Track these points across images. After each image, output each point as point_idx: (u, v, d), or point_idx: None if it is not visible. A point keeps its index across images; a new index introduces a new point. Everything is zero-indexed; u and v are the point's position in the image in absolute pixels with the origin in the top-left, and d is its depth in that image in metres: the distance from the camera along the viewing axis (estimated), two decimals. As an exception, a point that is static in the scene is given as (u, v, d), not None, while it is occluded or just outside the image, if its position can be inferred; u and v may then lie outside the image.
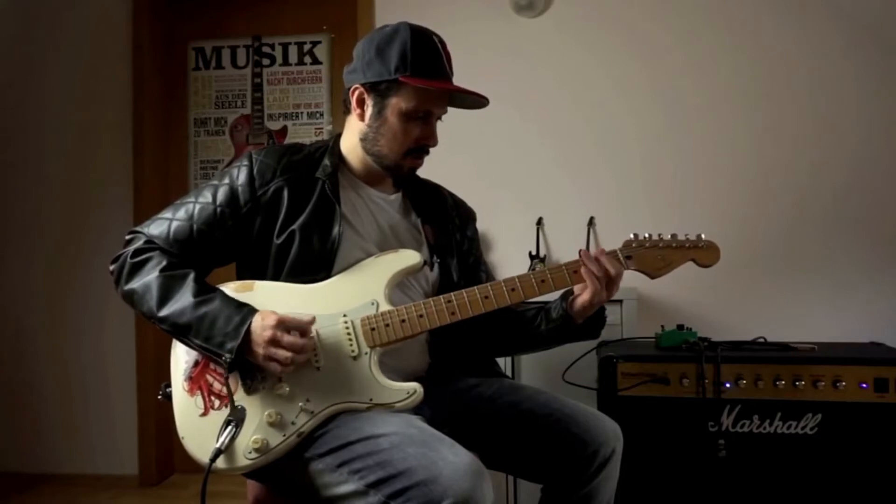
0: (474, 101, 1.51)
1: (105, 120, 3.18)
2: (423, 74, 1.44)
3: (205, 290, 1.40)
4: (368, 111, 1.50)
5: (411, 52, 1.44)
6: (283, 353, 1.32)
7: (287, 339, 1.32)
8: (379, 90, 1.47)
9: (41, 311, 3.21)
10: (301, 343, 1.33)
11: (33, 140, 3.21)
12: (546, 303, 1.58)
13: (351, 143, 1.56)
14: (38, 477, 3.16)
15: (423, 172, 1.67)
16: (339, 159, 1.57)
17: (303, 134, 3.20)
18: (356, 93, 1.50)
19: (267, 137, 3.23)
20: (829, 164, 2.70)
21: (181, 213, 1.48)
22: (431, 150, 1.55)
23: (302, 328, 1.35)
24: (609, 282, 1.46)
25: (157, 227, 1.48)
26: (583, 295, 1.47)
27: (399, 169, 1.54)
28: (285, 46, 3.23)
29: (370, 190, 1.58)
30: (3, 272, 3.23)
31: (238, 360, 1.33)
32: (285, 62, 3.23)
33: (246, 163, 1.50)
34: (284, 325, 1.33)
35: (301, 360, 1.34)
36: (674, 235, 1.55)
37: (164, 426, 3.11)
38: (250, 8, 3.25)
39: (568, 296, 1.53)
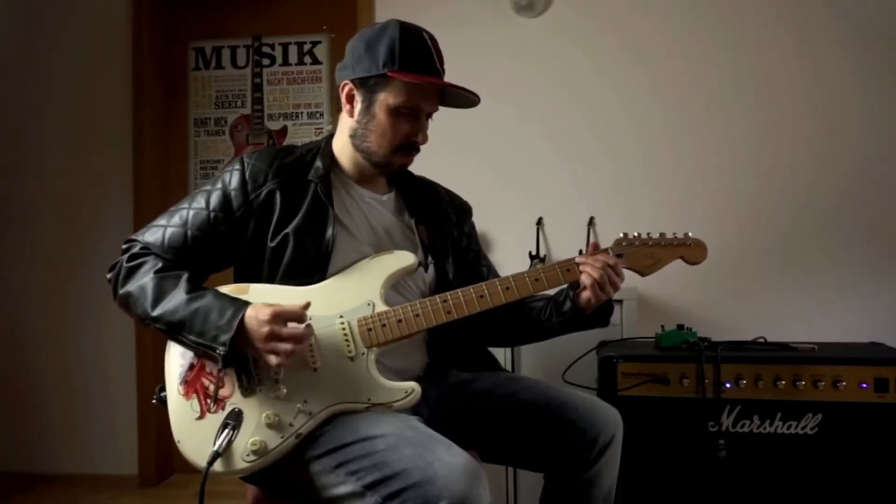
0: (466, 99, 1.50)
1: (105, 120, 3.18)
2: (411, 69, 1.43)
3: (198, 288, 1.40)
4: (357, 107, 1.50)
5: (399, 47, 1.43)
6: (283, 346, 1.31)
7: (286, 331, 1.31)
8: (368, 86, 1.47)
9: (41, 310, 3.21)
10: (300, 332, 1.32)
11: (33, 140, 3.21)
12: (553, 295, 1.60)
13: (342, 142, 1.56)
14: (38, 477, 3.16)
15: (423, 172, 1.67)
16: (331, 160, 1.56)
17: (303, 134, 3.20)
18: (346, 89, 1.50)
19: (267, 137, 3.23)
20: (830, 163, 2.70)
21: (175, 220, 1.48)
22: (431, 149, 1.54)
23: (297, 316, 1.34)
24: (610, 280, 1.47)
25: (153, 235, 1.47)
26: (585, 292, 1.49)
27: (389, 166, 1.53)
28: (285, 46, 3.23)
29: (362, 191, 1.58)
30: (3, 272, 3.23)
31: (233, 354, 1.33)
32: (285, 62, 3.23)
33: (238, 167, 1.49)
34: (281, 317, 1.32)
35: (302, 349, 1.33)
36: (662, 234, 1.58)
37: (163, 426, 3.05)
38: (250, 8, 3.25)
39: (575, 286, 1.54)
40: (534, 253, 2.78)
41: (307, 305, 1.36)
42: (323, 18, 3.20)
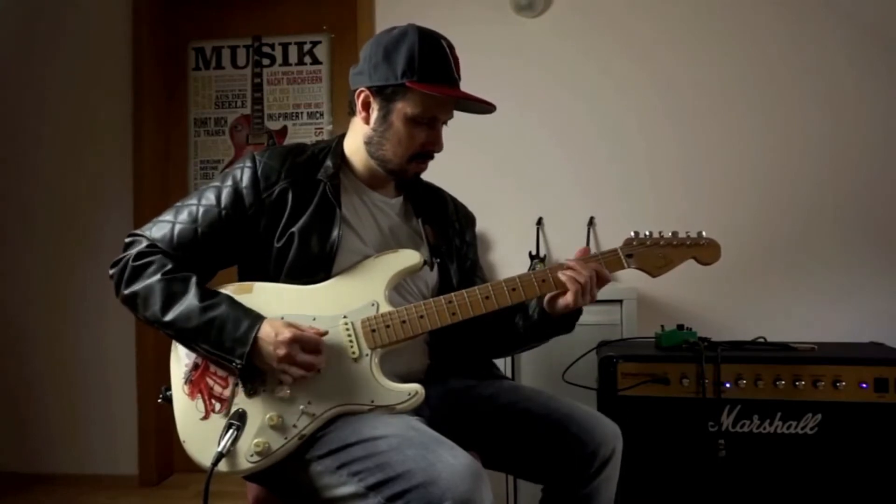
0: (481, 107, 1.50)
1: (105, 119, 3.17)
2: (430, 80, 1.43)
3: (209, 295, 1.39)
4: (374, 115, 1.49)
5: (419, 56, 1.42)
6: (296, 371, 1.33)
7: (301, 358, 1.32)
8: (385, 94, 1.46)
9: (41, 310, 3.21)
10: (315, 361, 1.34)
11: (33, 140, 3.20)
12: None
13: (355, 146, 1.56)
14: (38, 477, 3.16)
15: (425, 172, 1.67)
16: (342, 161, 1.56)
17: (303, 134, 3.19)
18: (361, 96, 1.49)
19: (267, 137, 3.22)
20: (831, 164, 2.70)
21: (184, 216, 1.46)
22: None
23: (315, 346, 1.35)
24: (592, 286, 1.45)
25: (160, 231, 1.46)
26: (566, 297, 1.46)
27: (403, 173, 1.53)
28: (285, 46, 3.23)
29: (372, 193, 1.58)
30: (3, 272, 3.23)
31: (249, 367, 1.34)
32: (285, 62, 3.23)
33: (249, 164, 1.49)
34: (300, 343, 1.33)
35: (311, 375, 1.35)
36: (674, 233, 1.55)
37: (163, 426, 3.11)
38: (250, 8, 3.24)
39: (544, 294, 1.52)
40: (534, 253, 2.78)
41: (324, 333, 1.37)
42: (323, 18, 3.19)
